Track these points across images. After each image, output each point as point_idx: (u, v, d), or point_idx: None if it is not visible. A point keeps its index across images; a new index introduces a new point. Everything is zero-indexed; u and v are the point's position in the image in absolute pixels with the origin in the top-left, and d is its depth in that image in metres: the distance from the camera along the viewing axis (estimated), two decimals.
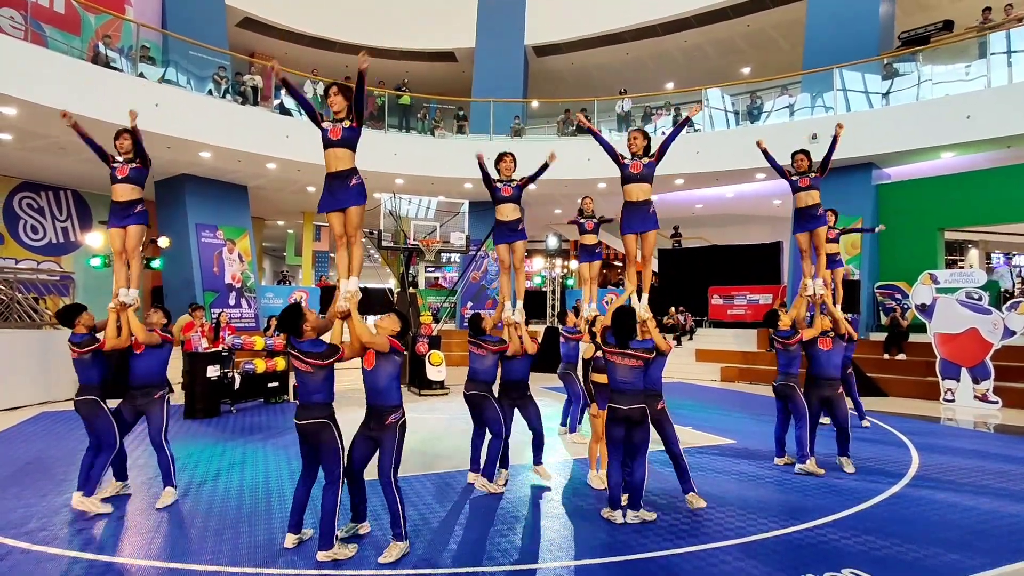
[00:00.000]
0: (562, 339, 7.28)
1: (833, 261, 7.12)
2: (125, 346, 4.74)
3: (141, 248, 5.01)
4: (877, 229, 9.54)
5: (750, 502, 4.88)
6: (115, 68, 11.08)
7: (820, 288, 5.97)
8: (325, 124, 4.29)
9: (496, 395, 5.31)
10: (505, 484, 5.27)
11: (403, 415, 3.88)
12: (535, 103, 17.85)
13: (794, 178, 6.17)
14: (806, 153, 6.22)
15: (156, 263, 11.63)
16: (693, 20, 16.06)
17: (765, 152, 6.22)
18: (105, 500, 4.75)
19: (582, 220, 7.36)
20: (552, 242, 17.45)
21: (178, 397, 9.66)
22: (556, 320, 16.95)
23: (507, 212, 5.59)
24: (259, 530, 4.19)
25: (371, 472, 3.90)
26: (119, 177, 4.87)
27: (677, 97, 16.07)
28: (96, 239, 11.42)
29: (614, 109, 15.89)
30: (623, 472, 4.53)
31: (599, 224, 7.35)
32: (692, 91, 15.59)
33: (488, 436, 5.29)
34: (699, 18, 15.96)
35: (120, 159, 4.94)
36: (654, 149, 5.20)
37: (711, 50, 17.38)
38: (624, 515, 4.43)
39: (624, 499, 4.72)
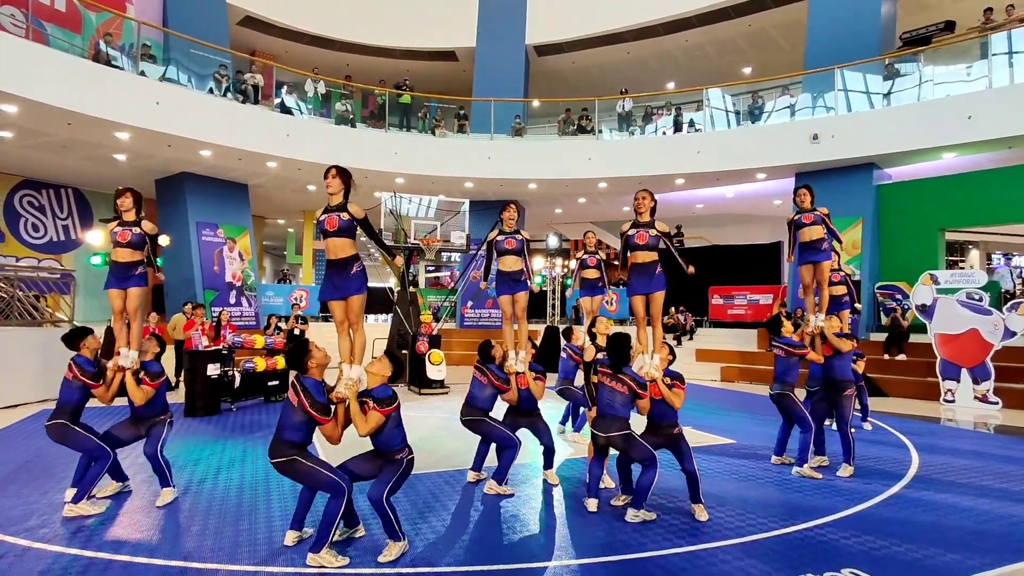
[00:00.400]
0: (564, 354, 7.25)
1: (839, 303, 7.13)
2: (110, 403, 4.78)
3: (141, 309, 5.00)
4: (857, 306, 9.19)
5: (750, 502, 4.88)
6: (116, 66, 11.08)
7: (822, 322, 5.99)
8: (320, 216, 4.28)
9: (499, 416, 5.32)
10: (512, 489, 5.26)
11: (411, 453, 3.89)
12: (536, 102, 17.86)
13: (797, 216, 6.21)
14: (808, 188, 6.24)
15: (156, 261, 11.63)
16: (694, 20, 16.04)
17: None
18: (105, 498, 4.76)
19: (585, 256, 7.36)
20: (552, 242, 17.47)
21: (178, 395, 9.68)
22: (556, 320, 16.96)
23: (510, 263, 5.62)
24: (259, 528, 4.19)
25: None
26: (121, 242, 4.88)
27: (678, 97, 16.05)
28: (96, 237, 11.45)
29: (615, 109, 15.89)
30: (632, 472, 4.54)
31: (601, 261, 7.41)
32: (693, 91, 15.57)
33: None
34: (700, 18, 15.95)
35: (118, 226, 4.94)
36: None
37: (712, 50, 17.37)
38: (625, 513, 4.48)
39: (623, 499, 4.74)
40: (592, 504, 4.65)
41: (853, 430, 5.90)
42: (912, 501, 4.95)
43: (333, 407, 3.90)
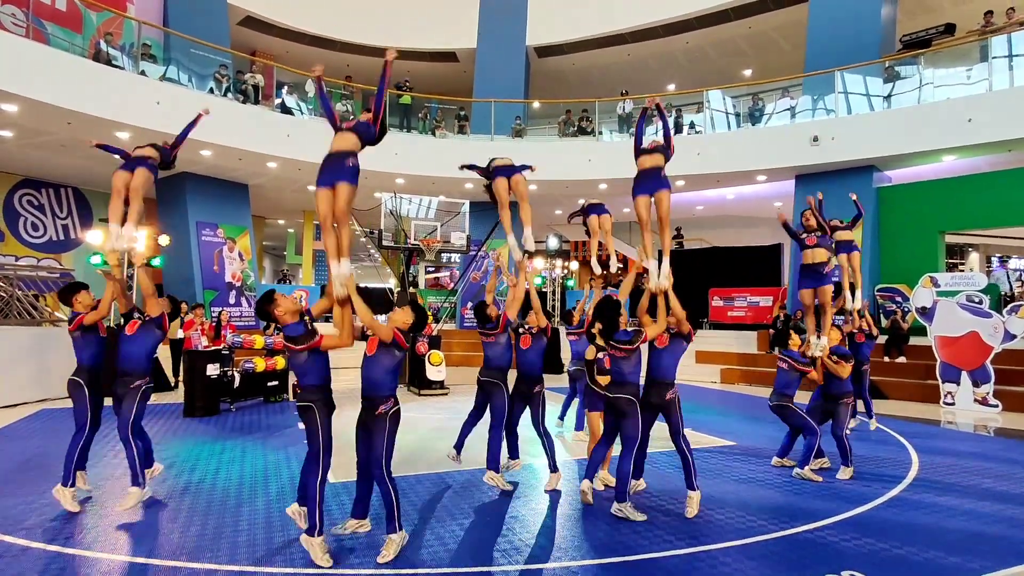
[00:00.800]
0: (572, 338, 7.30)
1: (849, 247, 7.28)
2: (104, 315, 4.66)
3: (143, 192, 4.80)
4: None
5: (750, 503, 4.87)
6: (116, 66, 11.08)
7: (819, 352, 5.95)
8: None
9: (511, 387, 5.25)
10: (513, 485, 5.25)
11: (395, 405, 3.84)
12: (536, 104, 17.85)
13: (802, 235, 6.23)
14: (813, 211, 6.25)
15: (156, 261, 11.63)
16: (695, 22, 16.05)
17: (785, 224, 6.33)
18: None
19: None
20: (552, 242, 17.44)
21: (178, 395, 9.68)
22: (558, 319, 16.95)
23: (500, 159, 5.63)
24: (257, 529, 4.18)
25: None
26: (141, 146, 5.00)
27: (679, 99, 16.05)
28: (96, 237, 11.40)
29: (615, 110, 15.89)
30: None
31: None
32: (693, 92, 15.58)
33: (483, 422, 5.32)
34: (701, 20, 15.95)
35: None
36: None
37: (712, 52, 17.38)
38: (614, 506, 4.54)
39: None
40: (585, 486, 4.71)
41: (849, 430, 5.91)
42: (912, 503, 4.94)
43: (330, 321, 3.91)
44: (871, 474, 5.81)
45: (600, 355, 5.05)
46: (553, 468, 5.28)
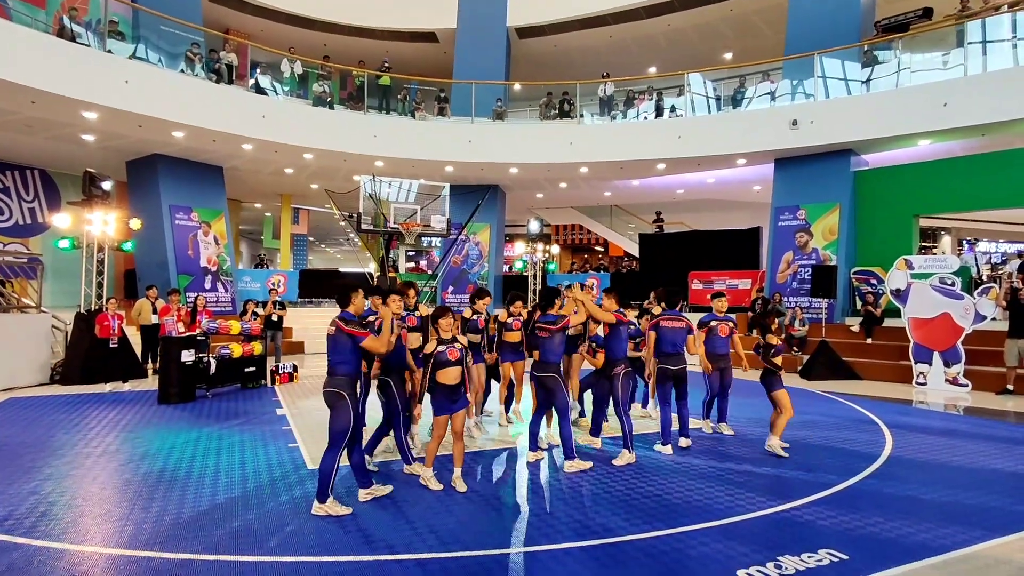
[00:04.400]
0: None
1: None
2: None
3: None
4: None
5: (729, 484, 4.93)
6: (82, 43, 10.67)
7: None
8: None
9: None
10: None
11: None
12: (517, 86, 17.68)
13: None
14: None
15: (128, 245, 11.33)
16: (676, 3, 15.93)
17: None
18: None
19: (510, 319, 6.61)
20: (533, 226, 17.39)
21: (151, 382, 9.49)
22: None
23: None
24: (235, 518, 4.11)
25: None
26: None
27: (659, 82, 15.99)
28: (64, 220, 11.07)
29: (597, 93, 15.78)
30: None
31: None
32: (674, 75, 15.54)
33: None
34: (682, 1, 15.85)
35: None
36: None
37: (694, 35, 17.32)
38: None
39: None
40: (531, 457, 5.49)
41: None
42: (886, 481, 5.04)
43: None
44: (847, 453, 5.92)
45: (508, 320, 6.39)
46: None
